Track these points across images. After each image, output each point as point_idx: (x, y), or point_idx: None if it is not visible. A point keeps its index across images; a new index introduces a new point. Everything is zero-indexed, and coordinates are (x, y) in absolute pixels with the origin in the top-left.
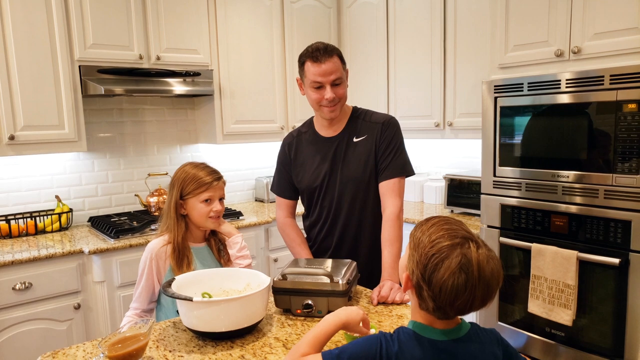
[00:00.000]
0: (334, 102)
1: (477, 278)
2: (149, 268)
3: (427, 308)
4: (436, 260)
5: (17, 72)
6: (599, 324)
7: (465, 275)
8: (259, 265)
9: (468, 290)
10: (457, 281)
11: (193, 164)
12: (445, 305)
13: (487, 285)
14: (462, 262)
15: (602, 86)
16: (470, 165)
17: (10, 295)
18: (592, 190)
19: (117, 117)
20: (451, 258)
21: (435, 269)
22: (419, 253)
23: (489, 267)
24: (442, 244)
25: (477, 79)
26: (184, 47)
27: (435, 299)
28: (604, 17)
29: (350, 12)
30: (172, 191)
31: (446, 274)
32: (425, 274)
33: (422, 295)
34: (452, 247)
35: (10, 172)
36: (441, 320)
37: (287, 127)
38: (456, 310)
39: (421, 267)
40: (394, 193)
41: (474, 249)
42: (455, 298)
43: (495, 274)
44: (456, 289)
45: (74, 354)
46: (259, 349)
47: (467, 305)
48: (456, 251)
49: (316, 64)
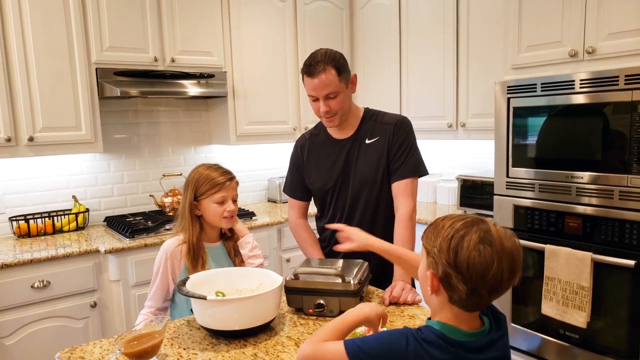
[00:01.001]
0: (329, 114)
1: (500, 249)
2: (164, 267)
3: (459, 298)
4: (456, 240)
5: (36, 75)
6: (614, 326)
7: (489, 247)
8: (271, 265)
9: (496, 262)
10: (483, 253)
11: (206, 165)
12: (477, 283)
13: (511, 256)
14: (482, 236)
15: (617, 86)
16: (483, 166)
17: (29, 293)
18: (607, 191)
19: (132, 119)
20: (471, 234)
21: (458, 249)
22: (439, 243)
23: (509, 239)
24: (457, 225)
25: (490, 80)
26: (198, 49)
27: (466, 279)
28: (618, 17)
29: (363, 13)
30: (187, 192)
31: (471, 249)
32: (449, 258)
33: (451, 284)
34: (468, 225)
35: (29, 172)
36: (468, 319)
37: (300, 128)
38: (489, 287)
39: (444, 253)
40: (406, 194)
41: (491, 224)
42: (485, 272)
43: (517, 245)
44: (484, 261)
45: (91, 351)
46: (272, 348)
47: (498, 280)
48: (474, 228)
49: (309, 78)
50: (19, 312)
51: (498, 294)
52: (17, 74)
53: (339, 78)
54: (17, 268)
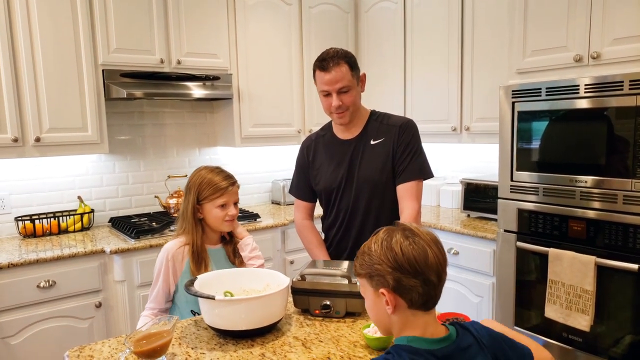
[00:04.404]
0: (341, 109)
1: (425, 237)
2: (165, 268)
3: (417, 294)
4: (387, 247)
5: (43, 76)
6: (617, 330)
7: (416, 237)
8: (275, 267)
9: (428, 248)
10: (414, 244)
11: (208, 169)
12: (424, 271)
13: (436, 241)
14: (405, 233)
15: (622, 91)
16: (487, 169)
17: (35, 292)
18: (610, 195)
19: (138, 120)
20: (395, 236)
21: (393, 252)
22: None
23: (425, 230)
24: (379, 237)
25: (494, 84)
26: (204, 51)
27: (414, 273)
28: (623, 23)
29: (368, 17)
30: (189, 196)
31: (403, 246)
32: (391, 263)
33: (405, 286)
34: (388, 232)
35: (35, 173)
36: (433, 326)
37: (304, 130)
38: (434, 271)
39: (385, 264)
40: (411, 196)
41: (406, 224)
42: (425, 258)
43: (433, 233)
44: (420, 250)
45: (100, 350)
46: (279, 348)
47: (438, 262)
48: (394, 232)
49: (323, 72)
50: (24, 311)
51: (443, 279)
52: (24, 75)
53: (352, 73)
54: (23, 268)
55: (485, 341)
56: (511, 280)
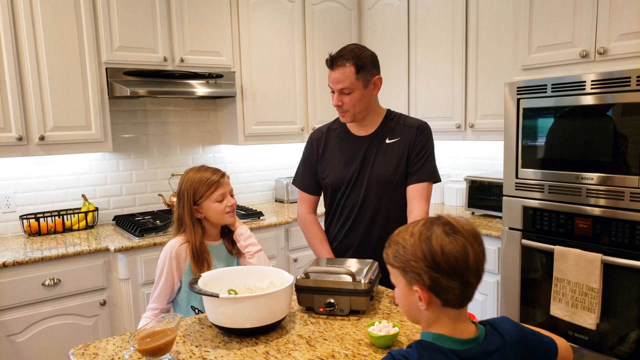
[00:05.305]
0: (340, 109)
1: (466, 234)
2: (168, 266)
3: (454, 297)
4: (425, 243)
5: (47, 75)
6: (623, 328)
7: (457, 235)
8: (279, 265)
9: (469, 246)
10: (455, 243)
11: (194, 170)
12: (464, 273)
13: (477, 237)
14: (446, 229)
15: (629, 87)
16: (491, 167)
17: (40, 290)
18: (617, 192)
19: (141, 118)
20: (435, 231)
21: (432, 250)
22: (410, 255)
23: (467, 223)
24: (416, 229)
25: (499, 81)
26: (207, 49)
27: (453, 274)
28: (630, 18)
29: (371, 14)
30: (183, 200)
31: (443, 245)
32: (429, 262)
33: (441, 286)
34: (426, 225)
35: (40, 171)
36: (464, 324)
37: (307, 128)
38: (474, 273)
39: (422, 261)
40: (422, 197)
41: (447, 217)
42: (465, 259)
43: (474, 226)
44: (460, 249)
45: (105, 347)
46: (283, 346)
47: (478, 262)
48: (433, 226)
49: (329, 69)
50: (30, 309)
51: (482, 278)
52: (28, 74)
53: (357, 76)
54: (28, 266)
55: (514, 342)
56: (516, 278)
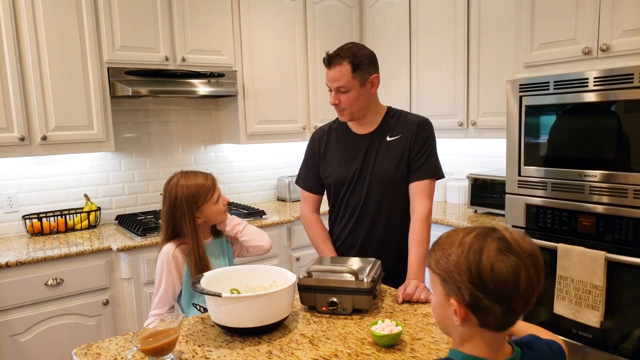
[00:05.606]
0: (337, 107)
1: (523, 254)
2: (167, 270)
3: (494, 320)
4: (475, 256)
5: (49, 74)
6: (627, 325)
7: (511, 255)
8: (281, 264)
9: (524, 270)
10: (508, 264)
11: (184, 177)
12: (511, 298)
13: (535, 259)
14: (500, 245)
15: (632, 84)
16: (494, 164)
17: (43, 290)
18: (620, 190)
19: (143, 118)
20: (488, 246)
21: (479, 266)
22: (454, 265)
23: (526, 242)
24: (468, 239)
25: (501, 78)
26: (208, 48)
27: (498, 297)
28: (633, 14)
29: (373, 12)
30: (181, 210)
31: (493, 262)
32: (473, 279)
33: (482, 307)
34: (480, 236)
35: (42, 171)
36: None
37: (309, 127)
38: (523, 300)
39: (465, 275)
40: (424, 194)
41: (503, 230)
42: (516, 283)
43: (535, 246)
44: (512, 272)
45: (107, 347)
46: (286, 345)
47: (530, 289)
48: (488, 239)
49: (326, 68)
50: (32, 309)
51: (530, 306)
52: (30, 74)
53: (353, 75)
54: (30, 266)
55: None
56: None
